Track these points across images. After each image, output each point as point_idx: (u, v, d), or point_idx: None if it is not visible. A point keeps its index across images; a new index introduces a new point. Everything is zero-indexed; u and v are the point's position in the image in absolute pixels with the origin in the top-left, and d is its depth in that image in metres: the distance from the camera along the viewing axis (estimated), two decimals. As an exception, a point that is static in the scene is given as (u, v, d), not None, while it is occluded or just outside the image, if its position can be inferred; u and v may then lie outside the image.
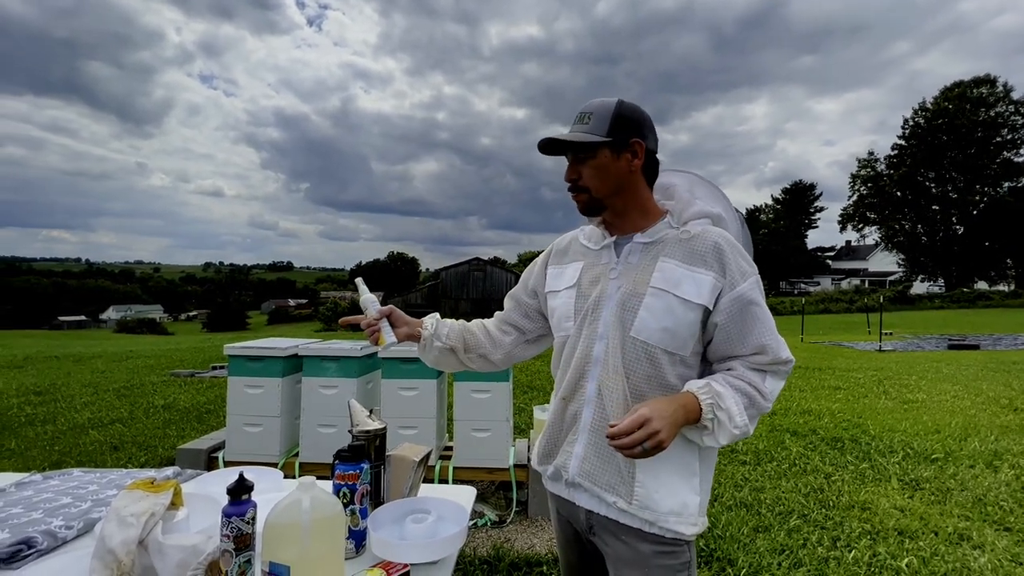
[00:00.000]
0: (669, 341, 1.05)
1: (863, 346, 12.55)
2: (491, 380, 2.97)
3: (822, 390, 6.41)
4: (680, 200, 1.16)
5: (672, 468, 1.05)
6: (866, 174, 43.66)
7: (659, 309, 1.04)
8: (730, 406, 1.00)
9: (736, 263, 1.06)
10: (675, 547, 1.06)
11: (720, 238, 1.07)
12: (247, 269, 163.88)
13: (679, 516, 1.04)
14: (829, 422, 4.78)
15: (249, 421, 3.07)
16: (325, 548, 1.05)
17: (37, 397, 5.92)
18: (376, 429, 1.37)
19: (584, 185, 1.11)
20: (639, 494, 1.04)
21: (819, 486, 3.31)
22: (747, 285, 1.05)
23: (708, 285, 1.04)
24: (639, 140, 1.09)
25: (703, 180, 1.21)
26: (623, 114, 1.08)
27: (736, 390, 1.03)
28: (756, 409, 1.03)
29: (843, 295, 35.52)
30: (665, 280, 1.05)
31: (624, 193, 1.12)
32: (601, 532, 1.12)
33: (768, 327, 1.06)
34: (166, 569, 1.07)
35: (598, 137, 1.07)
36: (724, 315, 1.05)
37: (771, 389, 1.05)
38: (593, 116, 1.09)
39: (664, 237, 1.10)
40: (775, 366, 1.05)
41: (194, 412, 5.22)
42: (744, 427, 1.01)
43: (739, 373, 1.05)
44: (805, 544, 2.57)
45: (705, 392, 1.01)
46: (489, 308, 8.66)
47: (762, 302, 1.06)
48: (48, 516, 1.36)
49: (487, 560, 2.42)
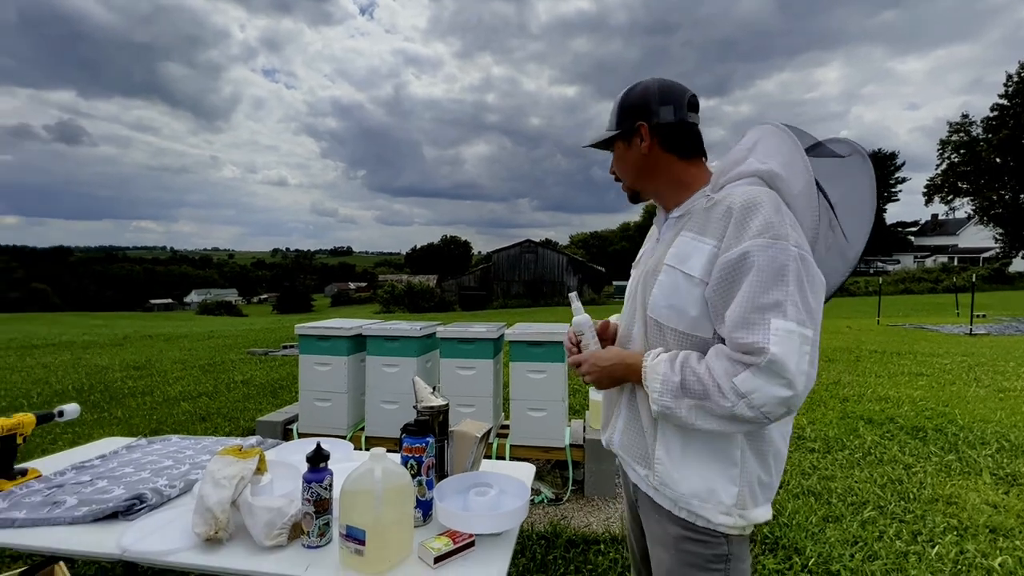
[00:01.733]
0: (676, 320, 0.99)
1: (950, 329, 11.49)
2: (547, 361, 2.99)
3: (901, 376, 5.96)
4: (728, 161, 1.05)
5: (699, 450, 1.00)
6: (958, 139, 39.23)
7: (667, 287, 1.01)
8: (652, 381, 0.97)
9: (740, 225, 0.91)
10: (708, 536, 1.00)
11: (738, 199, 0.94)
12: (311, 254, 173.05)
13: (704, 501, 0.99)
14: (909, 410, 4.45)
15: (319, 396, 3.27)
16: (396, 515, 1.11)
17: (136, 372, 6.58)
18: (440, 405, 1.42)
19: (618, 177, 1.17)
20: (658, 471, 1.03)
21: (897, 477, 3.10)
22: (738, 249, 0.90)
23: (706, 255, 0.95)
24: (643, 122, 1.07)
25: (778, 130, 1.03)
26: (628, 101, 1.09)
27: (687, 371, 0.92)
28: (714, 404, 0.88)
29: (927, 274, 32.52)
30: (676, 255, 1.01)
31: (648, 176, 1.11)
32: (642, 506, 1.14)
33: (741, 300, 0.88)
34: (256, 527, 1.17)
35: (608, 132, 1.11)
36: (711, 285, 0.94)
37: (747, 389, 0.85)
38: (611, 111, 1.13)
39: (692, 208, 1.05)
40: (744, 356, 0.86)
41: (269, 387, 5.62)
42: (663, 406, 0.94)
43: (707, 357, 0.93)
44: (881, 537, 2.43)
45: (650, 360, 0.99)
46: (541, 290, 8.70)
47: (757, 269, 0.87)
48: (155, 476, 1.52)
49: (544, 536, 2.47)
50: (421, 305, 29.56)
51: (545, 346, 2.99)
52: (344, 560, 1.09)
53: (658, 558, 1.08)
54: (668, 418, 0.96)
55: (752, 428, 0.91)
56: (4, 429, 1.47)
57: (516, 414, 3.05)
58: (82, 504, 1.33)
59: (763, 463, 1.00)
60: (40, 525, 1.26)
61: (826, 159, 1.04)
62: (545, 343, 2.99)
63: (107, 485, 1.45)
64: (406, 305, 29.47)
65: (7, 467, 1.48)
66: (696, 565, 1.01)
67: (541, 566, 2.23)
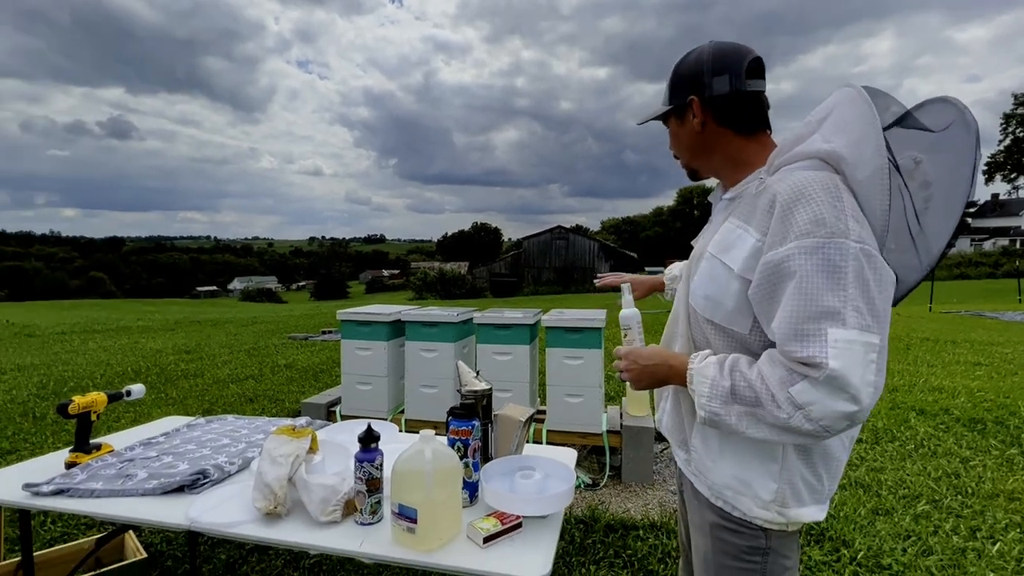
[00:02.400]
0: (712, 311, 0.95)
1: (1011, 316, 10.80)
2: (583, 347, 2.98)
3: (956, 366, 5.65)
4: (792, 137, 0.94)
5: (737, 442, 0.96)
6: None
7: (707, 275, 0.96)
8: (699, 385, 0.90)
9: (784, 219, 0.82)
10: (744, 527, 0.97)
11: (786, 186, 0.84)
12: (346, 242, 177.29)
13: (738, 493, 0.96)
14: (966, 401, 4.22)
15: (360, 380, 3.36)
16: (445, 495, 1.13)
17: (187, 355, 6.93)
18: (483, 389, 1.43)
19: (676, 154, 1.11)
20: (693, 458, 1.03)
21: (954, 470, 2.96)
22: (784, 250, 0.81)
23: (747, 248, 0.89)
24: (695, 96, 1.00)
25: (857, 97, 0.87)
26: (680, 72, 1.03)
27: (738, 375, 0.85)
28: (768, 414, 0.81)
29: (985, 258, 30.58)
30: (719, 243, 0.95)
31: (704, 153, 1.05)
32: (686, 490, 1.13)
33: (790, 308, 0.79)
34: (311, 503, 1.22)
35: (662, 108, 1.06)
36: (754, 287, 0.86)
37: (805, 400, 0.77)
38: (668, 85, 1.06)
39: (744, 192, 0.98)
40: (801, 367, 0.78)
41: (311, 371, 5.82)
42: (712, 412, 0.87)
43: (760, 363, 0.85)
44: (936, 532, 2.33)
45: (696, 362, 0.93)
46: (572, 276, 8.60)
47: (805, 275, 0.79)
48: (215, 453, 1.60)
49: (583, 520, 2.48)
50: (453, 292, 29.90)
51: (582, 332, 2.98)
52: (397, 537, 1.13)
53: (696, 544, 1.08)
54: (716, 424, 0.88)
55: (811, 441, 0.83)
56: (80, 407, 1.58)
57: (553, 400, 3.06)
58: (152, 477, 1.41)
59: (808, 463, 0.94)
60: (115, 496, 1.36)
61: (915, 132, 0.89)
62: (582, 329, 2.97)
63: (172, 460, 1.54)
64: (438, 292, 29.87)
65: (84, 442, 1.59)
66: (731, 554, 0.99)
67: (580, 549, 2.24)
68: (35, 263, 68.02)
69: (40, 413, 4.21)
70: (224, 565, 2.10)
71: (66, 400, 1.56)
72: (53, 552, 1.94)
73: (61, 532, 2.36)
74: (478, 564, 1.08)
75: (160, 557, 2.15)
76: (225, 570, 2.07)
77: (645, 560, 2.15)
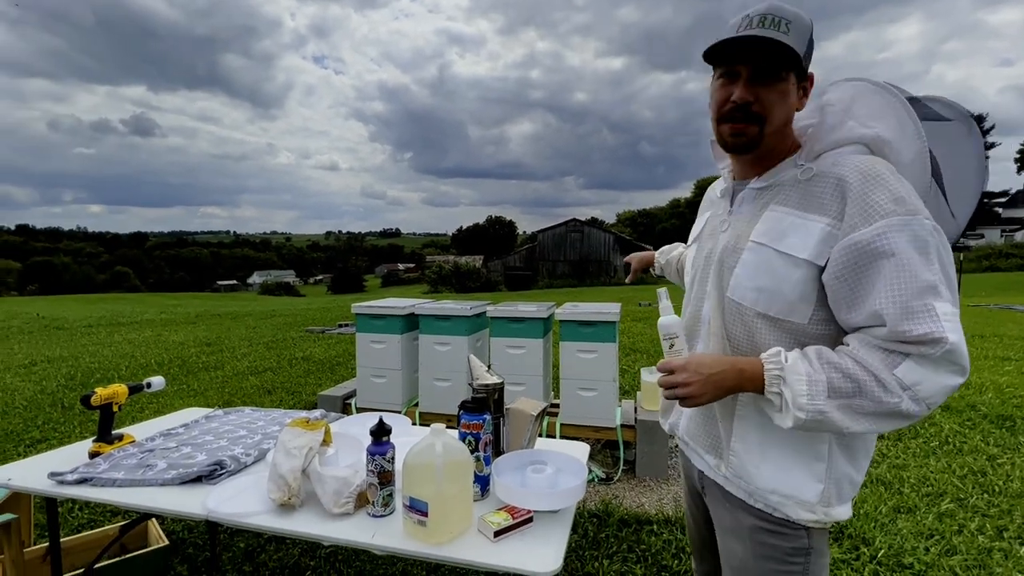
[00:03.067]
0: (767, 303, 0.90)
1: (1044, 310, 10.44)
2: (597, 341, 2.96)
3: (984, 360, 5.49)
4: (824, 124, 0.92)
5: (781, 443, 0.92)
6: (1061, 98, 34.92)
7: (755, 266, 0.91)
8: (795, 384, 0.81)
9: (863, 200, 0.81)
10: (786, 528, 0.94)
11: (853, 170, 0.84)
12: (362, 236, 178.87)
13: (785, 498, 0.92)
14: (994, 397, 4.09)
15: (375, 373, 3.40)
16: (456, 488, 1.13)
17: (208, 348, 7.08)
18: (495, 383, 1.43)
19: (759, 112, 0.89)
20: (732, 462, 0.98)
21: (980, 468, 2.88)
22: (870, 231, 0.79)
23: (817, 235, 0.84)
24: (812, 73, 0.93)
25: (877, 88, 0.92)
26: (810, 35, 0.89)
27: (829, 367, 0.81)
28: (871, 401, 0.78)
29: (1017, 249, 29.55)
30: (767, 232, 0.90)
31: (782, 131, 0.94)
32: (710, 495, 1.09)
33: (893, 288, 0.78)
34: (325, 495, 1.23)
35: (802, 51, 0.86)
36: (833, 271, 0.83)
37: (913, 380, 0.76)
38: (793, 27, 0.85)
39: (781, 180, 0.93)
40: (909, 346, 0.77)
41: (327, 364, 5.90)
42: (814, 411, 0.80)
43: (850, 350, 0.83)
44: (961, 531, 2.27)
45: (773, 361, 0.85)
46: (587, 270, 8.57)
47: (901, 252, 0.78)
48: (231, 444, 1.63)
49: (596, 514, 2.47)
50: (468, 285, 29.99)
51: (596, 326, 2.95)
52: (408, 530, 1.13)
53: (730, 549, 1.02)
54: (819, 425, 0.81)
55: (907, 424, 0.81)
56: (102, 398, 1.62)
57: (566, 393, 3.04)
58: (171, 468, 1.44)
59: (853, 459, 0.92)
60: (136, 485, 1.39)
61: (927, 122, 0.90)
62: (596, 323, 2.95)
63: (191, 451, 1.57)
64: (453, 285, 29.99)
65: (107, 432, 1.63)
66: (773, 558, 0.95)
67: (594, 543, 2.24)
68: (64, 258, 70.19)
69: (68, 403, 4.35)
70: (243, 553, 2.14)
71: (89, 392, 1.60)
72: (80, 538, 2.00)
73: (88, 519, 2.43)
74: (489, 558, 1.07)
75: (182, 544, 2.20)
76: (244, 558, 2.12)
77: (659, 555, 2.14)
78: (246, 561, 2.10)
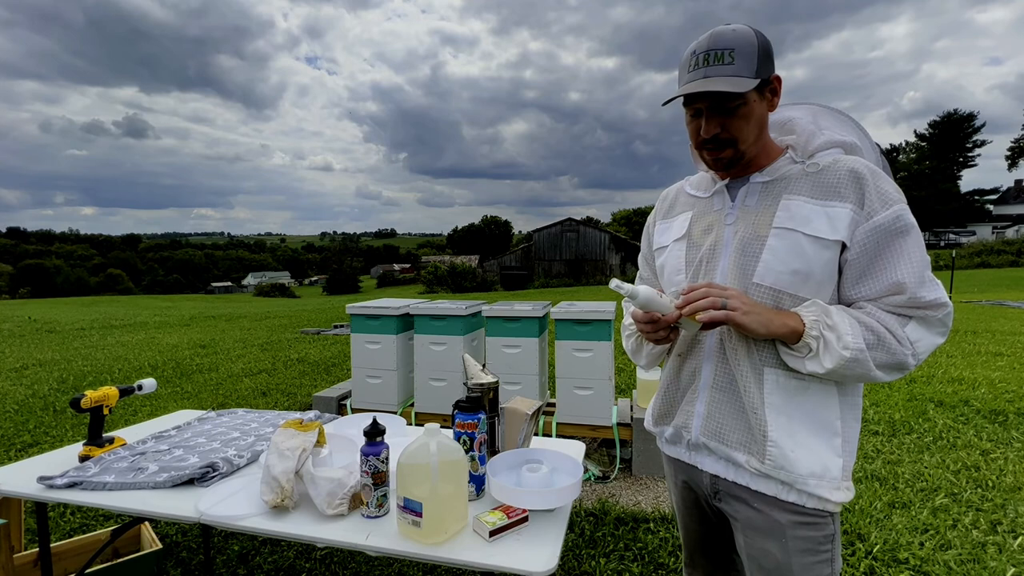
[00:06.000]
0: (801, 285, 0.95)
1: (1035, 306, 10.52)
2: (593, 339, 2.95)
3: (977, 356, 5.53)
4: (804, 133, 1.05)
5: (809, 426, 0.96)
6: (1050, 95, 35.26)
7: (786, 250, 0.95)
8: (839, 324, 0.90)
9: (877, 189, 0.93)
10: (817, 518, 0.96)
11: (858, 164, 0.96)
12: (357, 237, 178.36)
13: (820, 479, 0.94)
14: (987, 392, 4.12)
15: (370, 373, 3.38)
16: (451, 488, 1.12)
17: (202, 350, 7.03)
18: (490, 382, 1.42)
19: (729, 137, 0.97)
20: (772, 453, 0.95)
21: (974, 463, 2.89)
22: (890, 214, 0.91)
23: (845, 218, 0.93)
24: (777, 74, 0.99)
25: (829, 109, 1.09)
26: (765, 45, 0.95)
27: (856, 320, 0.91)
28: (886, 353, 0.90)
29: (1008, 246, 29.77)
30: (791, 218, 0.96)
31: (760, 137, 1.01)
32: (729, 499, 1.04)
33: (912, 262, 0.91)
34: (318, 496, 1.22)
35: (751, 81, 0.92)
36: (857, 249, 0.93)
37: (915, 338, 0.90)
38: (736, 54, 0.92)
39: (787, 174, 1.00)
40: (917, 310, 0.90)
41: (322, 365, 5.87)
42: (857, 350, 0.88)
43: (869, 310, 0.93)
44: (955, 526, 2.28)
45: (811, 309, 0.93)
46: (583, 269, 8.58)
47: (911, 232, 0.91)
48: (224, 446, 1.61)
49: (593, 512, 2.47)
50: (463, 285, 29.95)
51: (591, 324, 2.95)
52: (403, 530, 1.12)
53: (762, 550, 1.00)
54: (856, 366, 0.89)
55: (900, 376, 0.94)
56: (92, 401, 1.60)
57: (562, 392, 3.04)
58: (162, 471, 1.43)
59: (853, 429, 0.99)
60: (127, 489, 1.37)
61: None
62: (591, 321, 2.95)
63: (183, 454, 1.55)
64: (449, 285, 29.95)
65: (97, 435, 1.61)
66: (809, 551, 0.96)
67: (590, 542, 2.23)
68: (56, 261, 69.53)
69: (60, 407, 4.30)
70: (237, 556, 2.13)
71: (79, 395, 1.58)
72: (71, 543, 1.98)
73: (80, 523, 2.41)
74: (484, 558, 1.07)
75: (175, 548, 2.18)
76: (238, 561, 2.10)
77: (655, 553, 2.14)
78: (240, 564, 2.08)
